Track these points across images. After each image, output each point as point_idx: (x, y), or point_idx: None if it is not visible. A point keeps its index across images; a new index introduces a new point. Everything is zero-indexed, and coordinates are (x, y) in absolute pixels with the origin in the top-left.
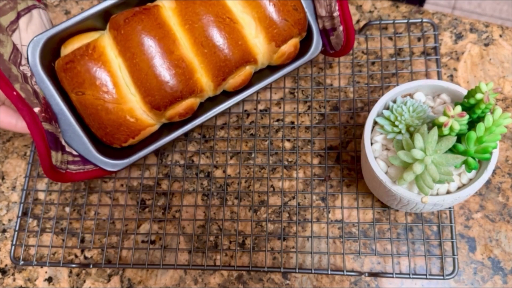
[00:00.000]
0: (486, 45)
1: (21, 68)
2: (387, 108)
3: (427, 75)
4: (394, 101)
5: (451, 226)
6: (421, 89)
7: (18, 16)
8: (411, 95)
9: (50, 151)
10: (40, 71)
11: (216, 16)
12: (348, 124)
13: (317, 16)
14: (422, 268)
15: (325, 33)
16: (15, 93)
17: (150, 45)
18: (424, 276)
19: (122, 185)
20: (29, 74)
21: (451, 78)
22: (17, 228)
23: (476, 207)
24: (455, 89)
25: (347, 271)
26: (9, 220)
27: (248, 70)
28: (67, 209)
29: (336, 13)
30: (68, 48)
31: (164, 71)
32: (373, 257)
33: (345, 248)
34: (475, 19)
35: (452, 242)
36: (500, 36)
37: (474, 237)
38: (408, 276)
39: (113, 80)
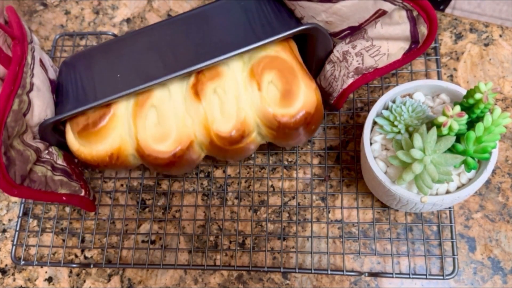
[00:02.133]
0: (486, 45)
1: (43, 155)
2: (386, 108)
3: (427, 75)
4: (394, 101)
5: (451, 226)
6: (420, 89)
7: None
8: (410, 95)
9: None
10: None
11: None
12: (348, 124)
13: None
14: (422, 268)
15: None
16: (64, 198)
17: (173, 170)
18: (424, 276)
19: (122, 185)
20: (46, 152)
21: (451, 78)
22: (17, 228)
23: (476, 207)
24: (454, 89)
25: (347, 271)
26: (10, 220)
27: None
28: (67, 209)
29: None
30: (88, 147)
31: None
32: (373, 257)
33: (345, 248)
34: (475, 19)
35: (452, 242)
36: (500, 36)
37: (474, 237)
38: (408, 276)
39: (130, 166)
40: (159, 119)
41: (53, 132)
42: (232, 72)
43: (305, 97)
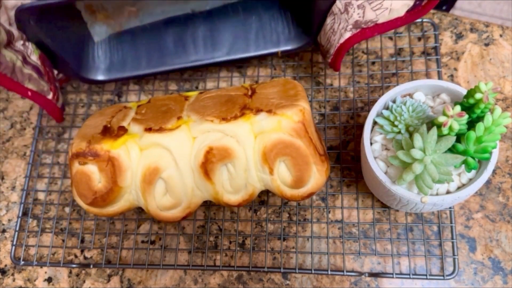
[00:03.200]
0: (487, 45)
1: (16, 44)
2: (387, 108)
3: (427, 75)
4: (394, 101)
5: (451, 226)
6: (420, 89)
7: None
8: (410, 95)
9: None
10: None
11: None
12: (348, 124)
13: None
14: (422, 268)
15: None
16: (29, 93)
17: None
18: (424, 276)
19: None
20: (21, 42)
21: (452, 78)
22: (17, 228)
23: (476, 207)
24: (454, 89)
25: (347, 271)
26: (9, 220)
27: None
28: (67, 209)
29: None
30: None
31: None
32: (373, 257)
33: (345, 248)
34: (475, 19)
35: (452, 242)
36: (500, 36)
37: (474, 237)
38: (408, 276)
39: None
40: (167, 189)
41: (35, 25)
42: (243, 150)
43: (315, 181)
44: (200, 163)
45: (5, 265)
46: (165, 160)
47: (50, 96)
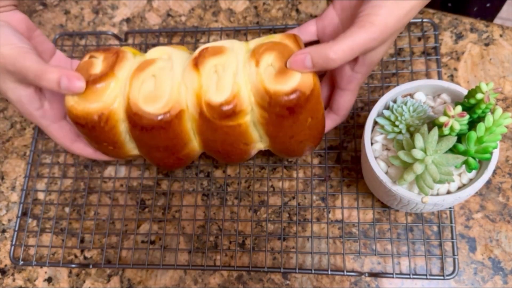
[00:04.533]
0: (487, 45)
1: None
2: (387, 108)
3: (428, 75)
4: (395, 101)
5: (451, 226)
6: (421, 89)
7: None
8: (411, 95)
9: None
10: None
11: (232, 143)
12: (348, 124)
13: None
14: (423, 268)
15: None
16: None
17: (160, 149)
18: (425, 276)
19: (121, 185)
20: None
21: (452, 78)
22: (16, 228)
23: (476, 207)
24: (455, 89)
25: (347, 271)
26: (9, 220)
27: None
28: (67, 209)
29: None
30: (80, 104)
31: (168, 162)
32: (373, 257)
33: (345, 248)
34: (475, 19)
35: (453, 242)
36: (501, 36)
37: (474, 237)
38: (408, 276)
39: (120, 143)
40: (155, 87)
41: None
42: (235, 53)
43: (301, 77)
44: (193, 58)
45: (5, 265)
46: (162, 57)
47: None
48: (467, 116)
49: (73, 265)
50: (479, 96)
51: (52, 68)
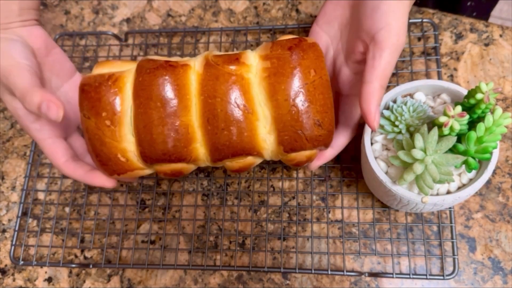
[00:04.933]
0: (486, 45)
1: None
2: (387, 108)
3: (427, 75)
4: (394, 101)
5: (451, 226)
6: (421, 89)
7: None
8: (411, 95)
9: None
10: None
11: (233, 101)
12: None
13: None
14: (422, 268)
15: None
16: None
17: (160, 103)
18: (424, 276)
19: (122, 185)
20: None
21: (451, 78)
22: (17, 228)
23: (476, 207)
24: (455, 89)
25: (347, 271)
26: (9, 220)
27: (249, 160)
28: (67, 209)
29: None
30: (98, 70)
31: (162, 132)
32: (373, 257)
33: (345, 248)
34: (475, 19)
35: (452, 242)
36: (500, 36)
37: (474, 237)
38: (408, 276)
39: (119, 117)
40: None
41: None
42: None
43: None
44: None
45: (5, 265)
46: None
47: None
48: (467, 116)
49: (73, 265)
50: (479, 96)
51: (37, 91)
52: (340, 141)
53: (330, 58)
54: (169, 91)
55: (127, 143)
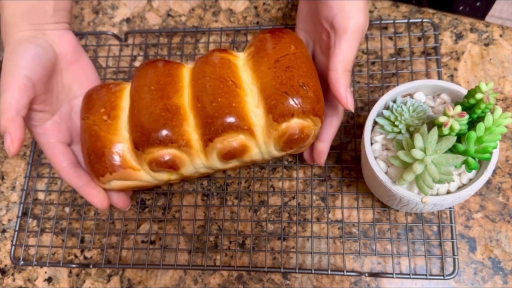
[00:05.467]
0: (486, 45)
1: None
2: (387, 108)
3: (427, 75)
4: (394, 101)
5: (451, 226)
6: (421, 89)
7: None
8: (411, 95)
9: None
10: None
11: (220, 77)
12: (348, 124)
13: None
14: (422, 268)
15: None
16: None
17: (153, 87)
18: (424, 276)
19: None
20: None
21: (451, 78)
22: (17, 228)
23: (476, 207)
24: (455, 89)
25: (347, 271)
26: (9, 220)
27: (242, 140)
28: (67, 209)
29: None
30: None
31: (154, 112)
32: (373, 257)
33: (345, 248)
34: (475, 19)
35: (453, 242)
36: (500, 36)
37: (474, 237)
38: (408, 276)
39: (115, 112)
40: None
41: None
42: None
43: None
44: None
45: (5, 265)
46: None
47: None
48: (467, 116)
49: (73, 265)
50: (478, 96)
51: (8, 118)
52: (331, 131)
53: (310, 52)
54: (162, 77)
55: (122, 138)
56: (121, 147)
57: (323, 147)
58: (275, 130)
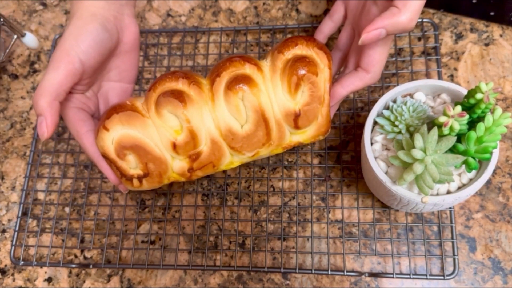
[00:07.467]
0: (487, 45)
1: None
2: (387, 108)
3: (428, 75)
4: (394, 101)
5: (451, 226)
6: (421, 89)
7: None
8: (411, 95)
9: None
10: None
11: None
12: (348, 124)
13: None
14: (423, 268)
15: None
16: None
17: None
18: (425, 276)
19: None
20: None
21: (452, 78)
22: (17, 228)
23: (476, 207)
24: (455, 89)
25: (347, 271)
26: (9, 220)
27: (248, 69)
28: (67, 209)
29: None
30: None
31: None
32: (373, 257)
33: (345, 248)
34: (475, 18)
35: (453, 242)
36: (500, 36)
37: (474, 237)
38: (408, 276)
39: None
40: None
41: None
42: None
43: None
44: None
45: (5, 265)
46: None
47: None
48: (467, 116)
49: (73, 265)
50: (478, 96)
51: (46, 101)
52: (356, 82)
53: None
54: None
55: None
56: (136, 101)
57: (340, 91)
58: (280, 61)
